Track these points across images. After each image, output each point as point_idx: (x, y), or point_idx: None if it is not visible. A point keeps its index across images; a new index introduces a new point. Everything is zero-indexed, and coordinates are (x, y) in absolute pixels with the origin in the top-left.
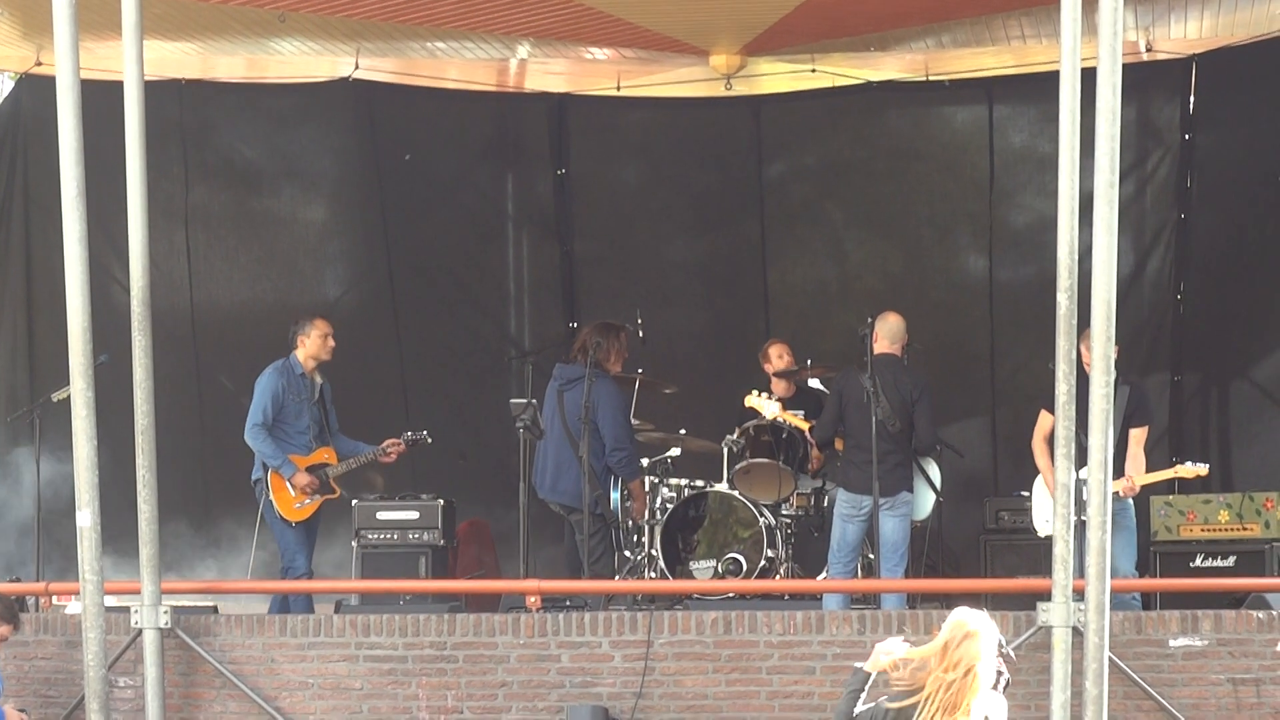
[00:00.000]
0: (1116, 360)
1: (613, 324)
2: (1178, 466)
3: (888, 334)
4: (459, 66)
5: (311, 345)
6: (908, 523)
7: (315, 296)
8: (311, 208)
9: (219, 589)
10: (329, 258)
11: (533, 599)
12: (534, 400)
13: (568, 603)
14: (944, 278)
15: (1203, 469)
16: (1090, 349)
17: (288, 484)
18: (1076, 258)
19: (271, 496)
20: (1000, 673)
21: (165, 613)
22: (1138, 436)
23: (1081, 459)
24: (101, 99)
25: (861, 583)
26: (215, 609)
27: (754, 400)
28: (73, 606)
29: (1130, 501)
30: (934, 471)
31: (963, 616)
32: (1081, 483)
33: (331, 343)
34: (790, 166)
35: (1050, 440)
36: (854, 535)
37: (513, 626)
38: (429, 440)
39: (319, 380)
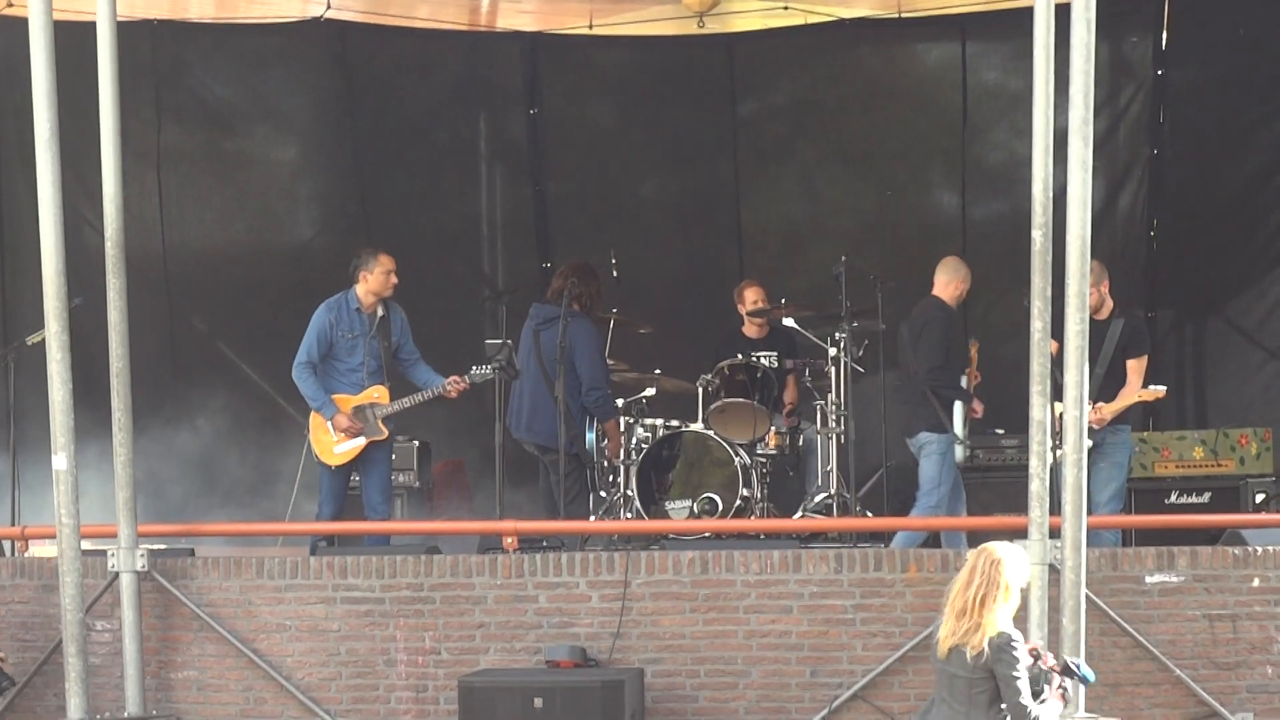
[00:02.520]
0: (1109, 293)
1: (590, 266)
2: (1138, 391)
3: (944, 276)
4: (431, 5)
5: (374, 281)
6: (936, 461)
7: (289, 237)
8: (284, 148)
9: (195, 531)
10: (302, 198)
11: (509, 540)
12: (509, 340)
13: (544, 543)
14: (917, 216)
15: (1160, 390)
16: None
17: (328, 425)
18: (1051, 194)
19: (309, 439)
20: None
21: (142, 556)
22: (1136, 367)
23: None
24: (72, 40)
25: (833, 521)
26: (192, 551)
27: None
28: (45, 550)
29: (1125, 437)
30: (957, 414)
31: (990, 545)
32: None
33: (394, 279)
34: (763, 105)
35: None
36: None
37: (490, 567)
38: (492, 374)
39: (381, 314)
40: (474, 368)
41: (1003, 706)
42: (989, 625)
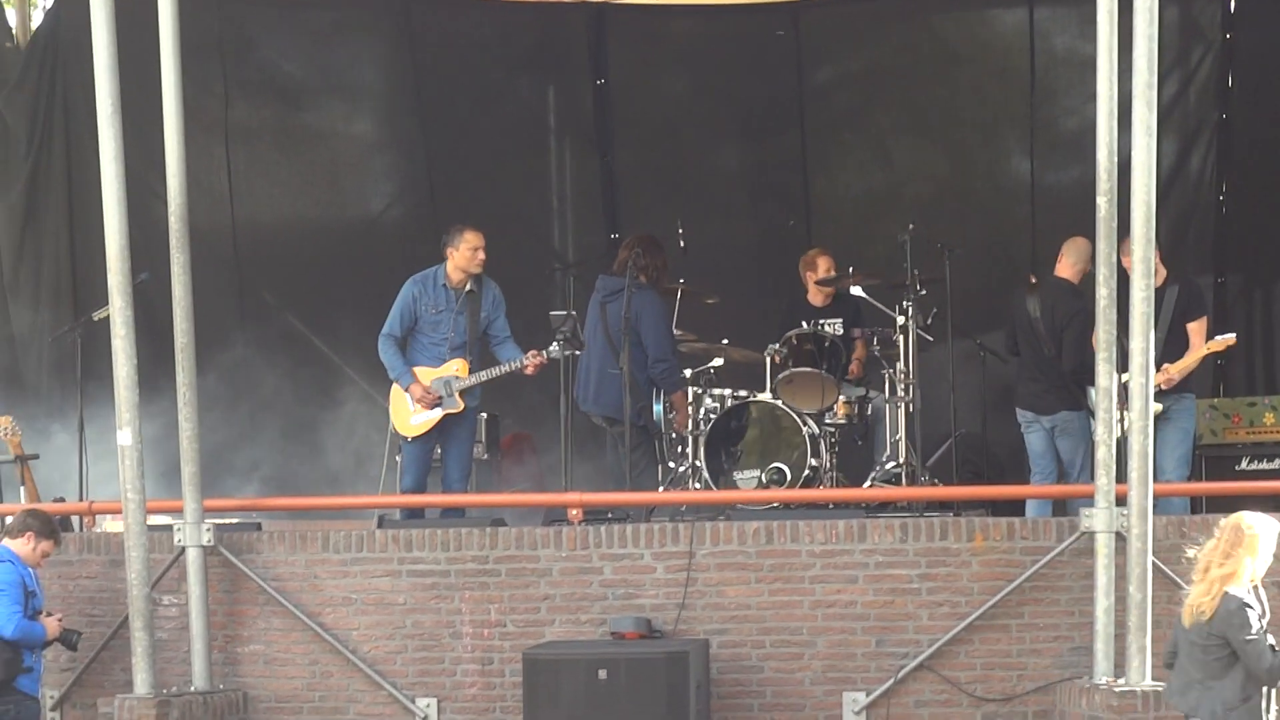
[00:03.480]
0: (1161, 260)
1: (655, 238)
2: (1207, 343)
3: (1071, 256)
4: None
5: (460, 257)
6: (1078, 439)
7: (357, 211)
8: (352, 122)
9: (261, 505)
10: (370, 173)
11: (574, 511)
12: (573, 312)
13: (610, 515)
14: (988, 182)
15: (1230, 338)
16: (1129, 253)
17: (406, 396)
18: (1116, 160)
19: (390, 409)
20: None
21: (208, 531)
22: (1197, 329)
23: (1125, 363)
24: (141, 14)
25: (900, 491)
26: (259, 526)
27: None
28: (113, 525)
29: (1190, 404)
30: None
31: (1241, 513)
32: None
33: (481, 255)
34: (831, 73)
35: None
36: (1036, 444)
37: (555, 540)
38: (577, 351)
39: (470, 289)
40: (553, 344)
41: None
42: (1221, 592)
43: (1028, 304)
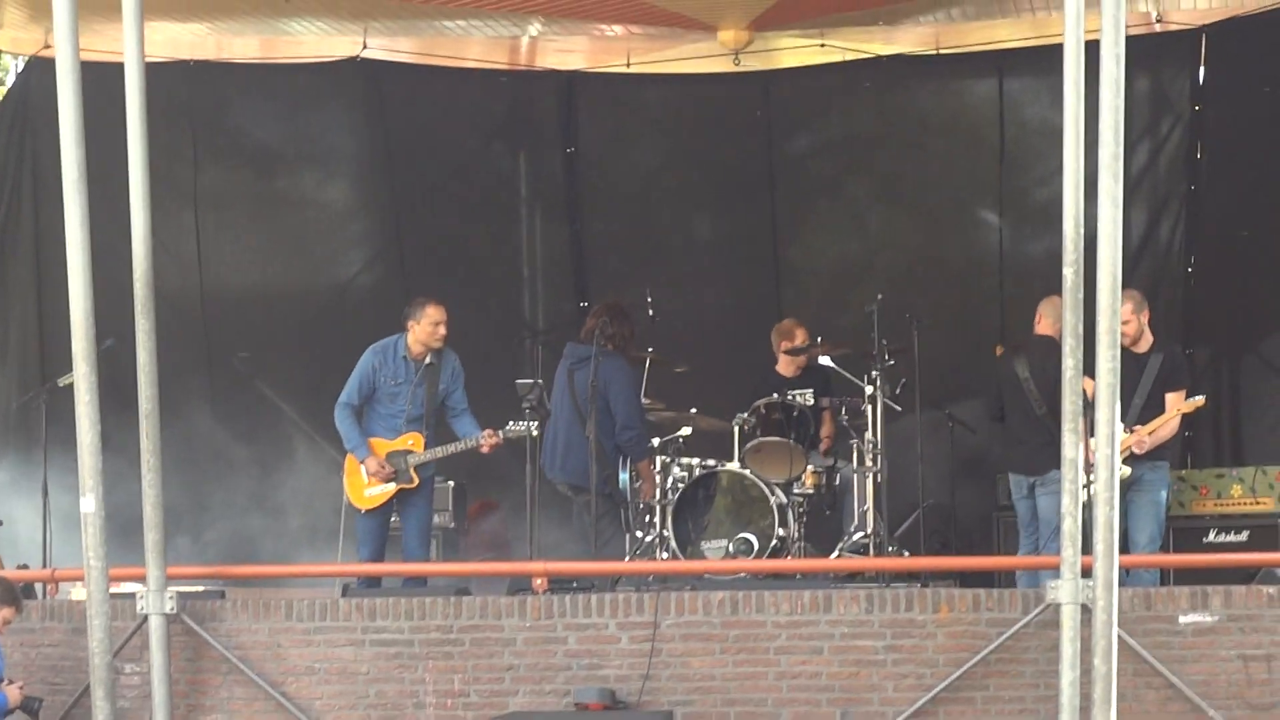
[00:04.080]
0: (1149, 326)
1: (622, 306)
2: (1176, 406)
3: (1051, 315)
4: (469, 45)
5: (421, 331)
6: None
7: (327, 278)
8: (322, 188)
9: (225, 574)
10: (340, 238)
11: (539, 581)
12: (540, 381)
13: (575, 585)
14: (959, 252)
15: (1199, 400)
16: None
17: (361, 468)
18: (1083, 231)
19: (344, 481)
20: None
21: (171, 598)
22: (1175, 400)
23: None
24: (112, 81)
25: (866, 561)
26: (223, 593)
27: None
28: (77, 592)
29: (1163, 474)
30: None
31: None
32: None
33: (443, 330)
34: (801, 142)
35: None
36: (1024, 512)
37: (519, 609)
38: (533, 433)
39: (430, 361)
40: (510, 423)
41: None
42: None
43: (1015, 366)
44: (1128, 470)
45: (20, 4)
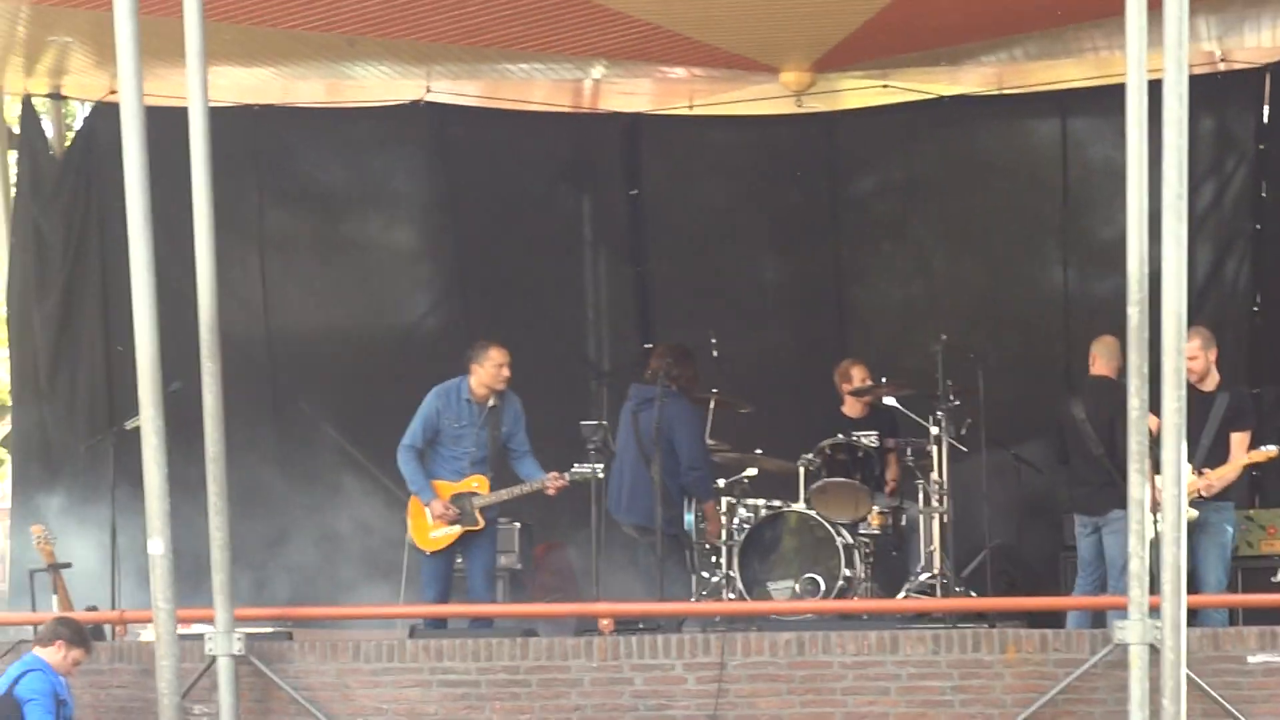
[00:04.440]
0: (1215, 364)
1: (686, 347)
2: (1249, 454)
3: (1105, 355)
4: (533, 88)
5: (485, 374)
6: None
7: (392, 321)
8: (387, 232)
9: (292, 615)
10: (405, 281)
11: (605, 621)
12: (604, 423)
13: (640, 625)
14: (1023, 292)
15: (1272, 450)
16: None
17: (426, 511)
18: (1147, 270)
19: (408, 522)
20: None
21: (239, 640)
22: (1240, 440)
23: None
24: (177, 126)
25: (933, 602)
26: (290, 635)
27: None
28: (146, 634)
29: (1229, 515)
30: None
31: None
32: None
33: (506, 372)
34: (864, 183)
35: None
36: (1085, 551)
37: (585, 650)
38: (599, 475)
39: (493, 404)
40: (575, 465)
41: None
42: None
43: (1072, 408)
44: (1195, 513)
45: (87, 50)
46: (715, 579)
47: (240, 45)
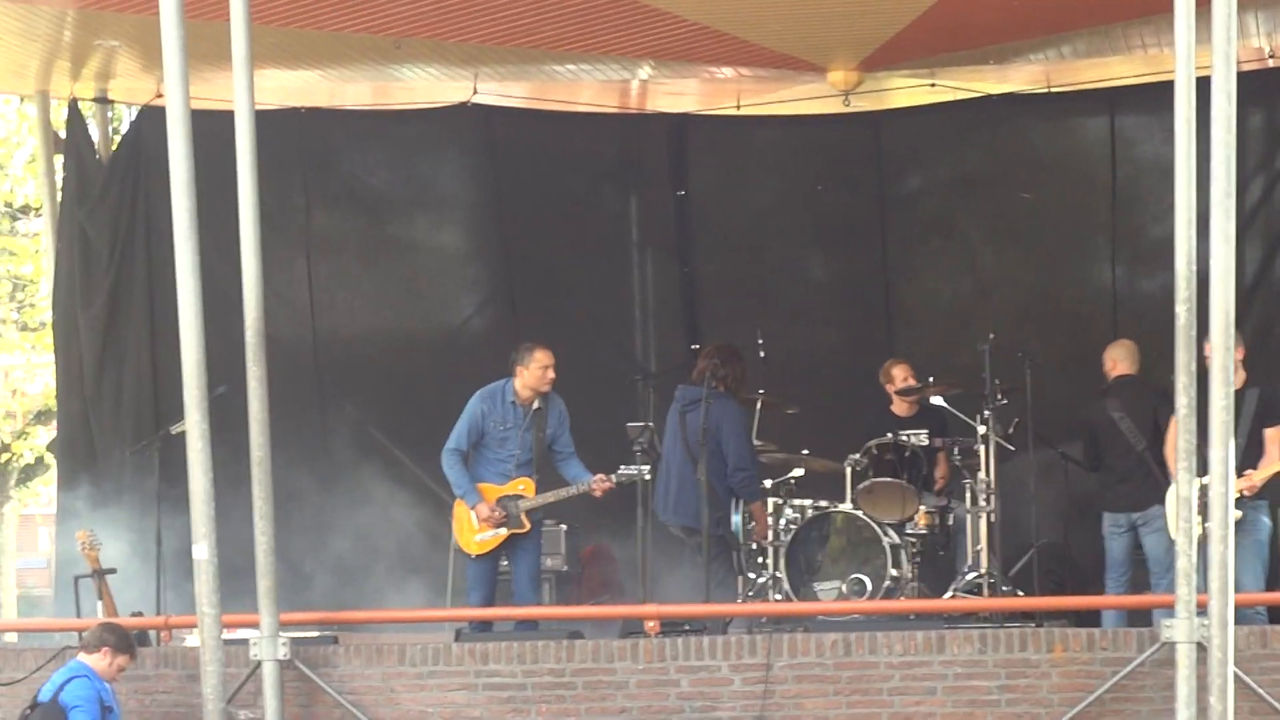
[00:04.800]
0: (1242, 363)
1: (733, 347)
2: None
3: (1125, 357)
4: (580, 89)
5: (530, 376)
6: (1166, 536)
7: (439, 323)
8: (433, 233)
9: (337, 619)
10: (452, 283)
11: (651, 624)
12: (651, 424)
13: (686, 627)
14: (1072, 290)
15: None
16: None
17: (471, 514)
18: (1195, 268)
19: (454, 526)
20: None
21: (284, 644)
22: (1275, 435)
23: (1204, 469)
24: (224, 129)
25: (979, 601)
26: (335, 639)
27: None
28: (193, 639)
29: (1264, 513)
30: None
31: None
32: (1204, 488)
33: (551, 374)
34: (911, 182)
35: None
36: (1117, 551)
37: (631, 652)
38: (645, 476)
39: (538, 406)
40: (621, 467)
41: None
42: None
43: (1107, 409)
44: (1239, 513)
45: (133, 54)
46: (762, 580)
47: (286, 48)
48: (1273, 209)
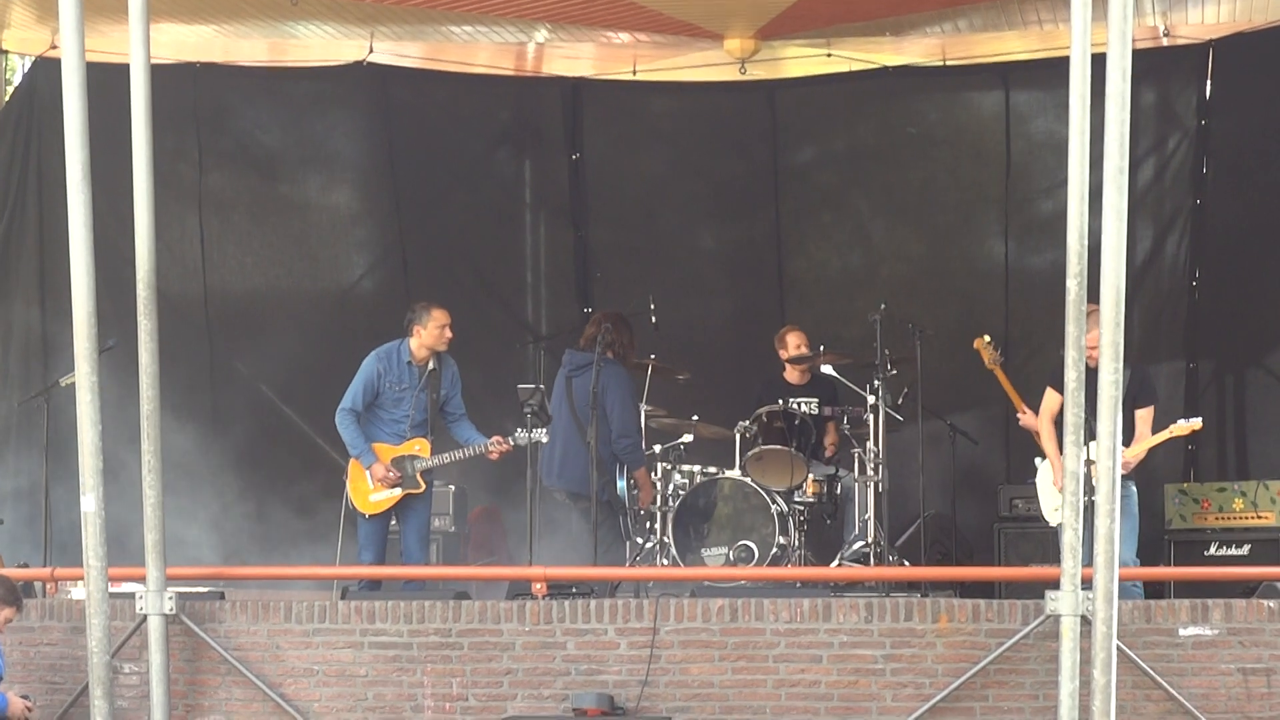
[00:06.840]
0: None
1: (623, 315)
2: (1171, 427)
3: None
4: (476, 51)
5: (428, 335)
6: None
7: (330, 282)
8: (326, 193)
9: (224, 575)
10: (343, 243)
11: (538, 586)
12: (541, 386)
13: (574, 590)
14: (963, 264)
15: (1196, 423)
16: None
17: (366, 474)
18: (1086, 244)
19: (348, 486)
20: None
21: (170, 599)
22: (1144, 416)
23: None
24: (118, 82)
25: (866, 570)
26: (222, 595)
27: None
28: (77, 592)
29: (1134, 488)
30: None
31: None
32: (1090, 463)
33: (449, 334)
34: (806, 152)
35: (1057, 421)
36: None
37: (518, 614)
38: (544, 439)
39: (432, 367)
40: (519, 430)
41: None
42: None
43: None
44: None
45: (28, 4)
46: (649, 545)
47: (183, 2)
48: (1163, 188)
